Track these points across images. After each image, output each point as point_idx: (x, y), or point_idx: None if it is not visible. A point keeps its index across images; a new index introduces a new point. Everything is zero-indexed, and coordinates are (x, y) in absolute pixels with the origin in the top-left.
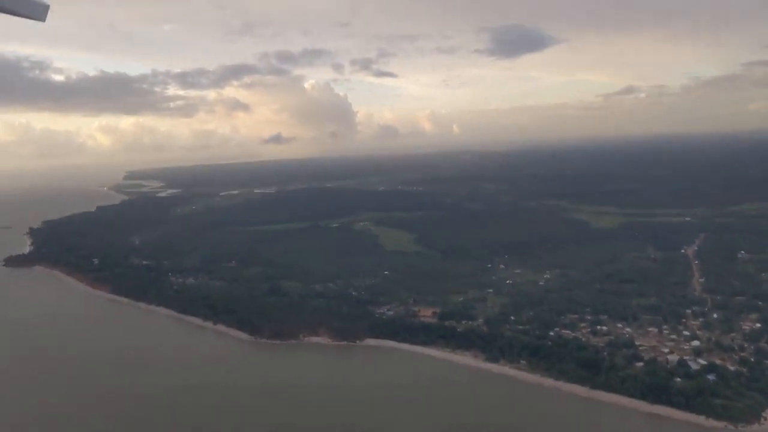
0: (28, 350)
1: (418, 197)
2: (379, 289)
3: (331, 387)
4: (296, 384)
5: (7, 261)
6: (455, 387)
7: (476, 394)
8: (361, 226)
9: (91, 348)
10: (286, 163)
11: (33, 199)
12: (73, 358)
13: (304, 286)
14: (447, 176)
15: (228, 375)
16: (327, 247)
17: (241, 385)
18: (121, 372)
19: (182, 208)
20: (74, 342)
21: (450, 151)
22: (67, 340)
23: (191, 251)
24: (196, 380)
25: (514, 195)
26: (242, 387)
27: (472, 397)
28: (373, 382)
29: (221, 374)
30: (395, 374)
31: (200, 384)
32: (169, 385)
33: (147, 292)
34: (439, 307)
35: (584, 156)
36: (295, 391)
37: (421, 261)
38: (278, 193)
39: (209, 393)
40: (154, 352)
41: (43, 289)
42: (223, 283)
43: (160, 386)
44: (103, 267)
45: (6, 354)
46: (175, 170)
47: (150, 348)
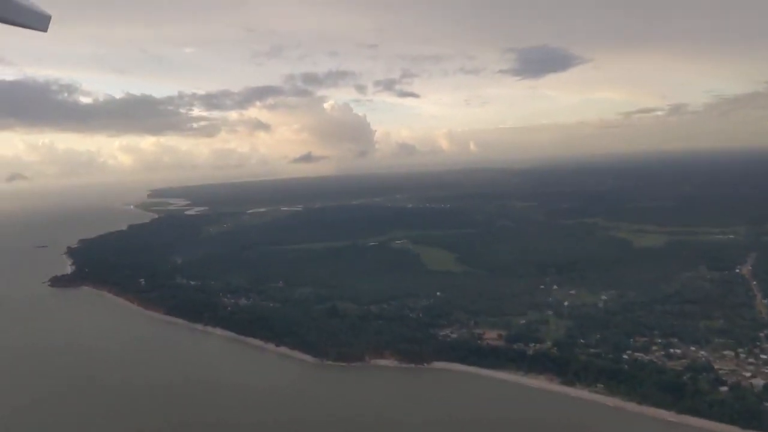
0: (95, 375)
1: (448, 215)
2: (436, 310)
3: (419, 415)
4: (384, 415)
5: (53, 281)
6: (539, 411)
7: (562, 418)
8: (399, 245)
9: (161, 373)
10: (307, 182)
11: (62, 217)
12: (147, 384)
13: (359, 307)
14: (472, 194)
15: (309, 403)
16: (370, 266)
17: (328, 415)
18: (202, 402)
19: (213, 227)
20: (143, 367)
21: (469, 169)
22: (135, 365)
23: (234, 271)
24: (284, 413)
25: (546, 213)
26: (329, 418)
27: (559, 421)
28: (461, 412)
29: (302, 402)
30: (474, 399)
31: (292, 419)
32: (263, 418)
33: (202, 313)
34: (502, 329)
35: (608, 173)
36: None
37: (470, 281)
38: (306, 212)
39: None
40: (227, 377)
41: (95, 311)
42: (277, 304)
43: (252, 418)
44: (152, 287)
45: (74, 381)
46: (198, 188)
47: (221, 373)
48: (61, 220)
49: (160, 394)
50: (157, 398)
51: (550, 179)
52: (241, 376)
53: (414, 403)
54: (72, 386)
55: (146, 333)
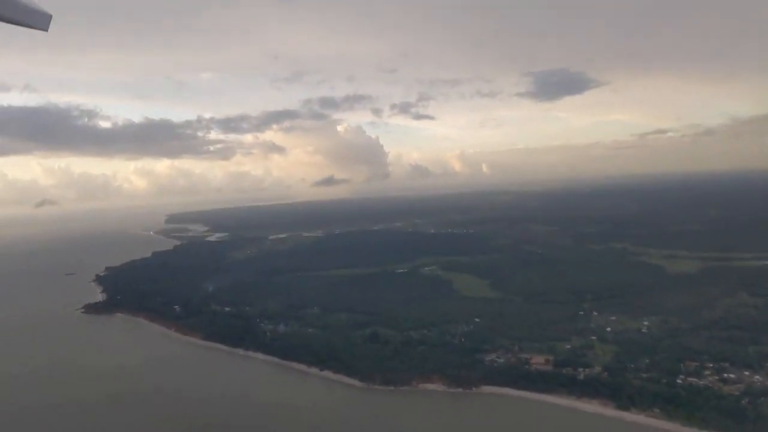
0: (152, 401)
1: (472, 240)
2: (478, 336)
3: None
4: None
5: (86, 308)
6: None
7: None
8: (428, 271)
9: (215, 398)
10: (321, 205)
11: (84, 243)
12: (201, 407)
13: (399, 333)
14: (492, 217)
15: (364, 425)
16: (403, 293)
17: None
18: (261, 424)
19: (238, 253)
20: (195, 391)
21: (484, 191)
22: (188, 388)
23: (267, 297)
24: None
25: (571, 238)
26: None
27: None
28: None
29: (357, 424)
30: (529, 423)
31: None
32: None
33: (242, 339)
34: (547, 355)
35: (625, 195)
36: None
37: (507, 307)
38: (327, 237)
39: None
40: (279, 400)
41: (133, 337)
42: (316, 329)
43: None
44: (188, 314)
45: (132, 408)
46: (214, 213)
47: (272, 396)
48: (83, 246)
49: (216, 415)
50: (216, 421)
51: (568, 202)
52: (292, 398)
53: (469, 426)
54: (131, 413)
55: (190, 358)
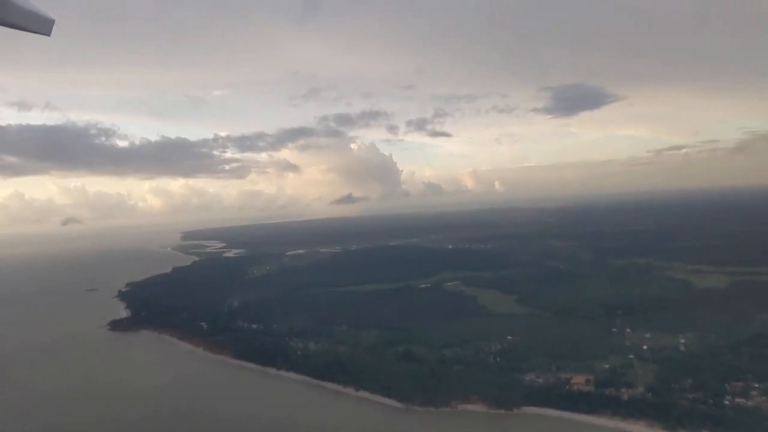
0: (185, 424)
1: (492, 256)
2: (513, 354)
3: None
4: None
5: (111, 325)
6: None
7: None
8: (451, 287)
9: (252, 420)
10: (333, 222)
11: (102, 260)
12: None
13: (432, 351)
14: (508, 233)
15: None
16: (429, 309)
17: None
18: None
19: (257, 269)
20: (229, 412)
21: (498, 208)
22: (221, 410)
23: (293, 314)
24: None
25: (592, 253)
26: None
27: None
28: None
29: None
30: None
31: None
32: None
33: (273, 357)
34: (586, 374)
35: (642, 211)
36: None
37: (538, 324)
38: (345, 253)
39: None
40: (319, 422)
41: (162, 355)
42: (347, 347)
43: None
44: (214, 331)
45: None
46: (230, 230)
47: (312, 417)
48: (102, 262)
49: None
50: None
51: (585, 218)
52: (332, 420)
53: None
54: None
55: (223, 377)
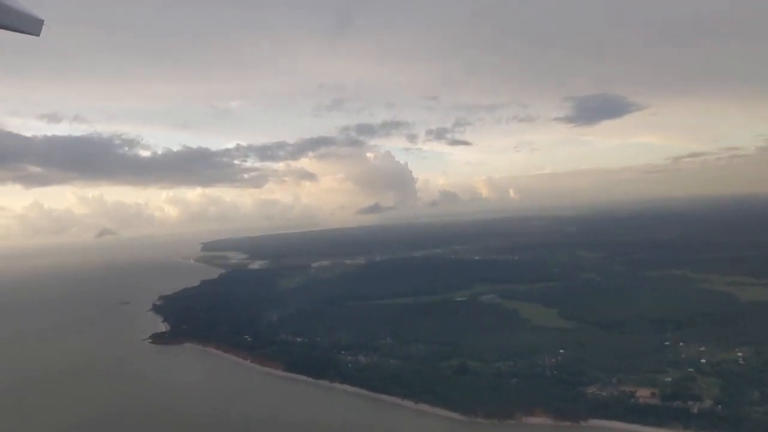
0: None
1: (522, 267)
2: (569, 368)
3: None
4: None
5: (153, 338)
6: None
7: None
8: (488, 299)
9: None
10: (350, 232)
11: (128, 272)
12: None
13: (486, 364)
14: (533, 243)
15: None
16: (472, 322)
17: None
18: None
19: (286, 281)
20: (295, 423)
21: (516, 217)
22: (288, 422)
23: (334, 327)
24: None
25: (624, 264)
26: None
27: None
28: None
29: None
30: None
31: None
32: None
33: (325, 370)
34: (648, 387)
35: (664, 219)
36: None
37: (587, 338)
38: (371, 265)
39: None
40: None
41: (213, 368)
42: (397, 360)
43: None
44: (260, 343)
45: None
46: (248, 241)
47: (380, 430)
48: (128, 274)
49: None
50: None
51: (607, 227)
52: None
53: None
54: None
55: (280, 389)
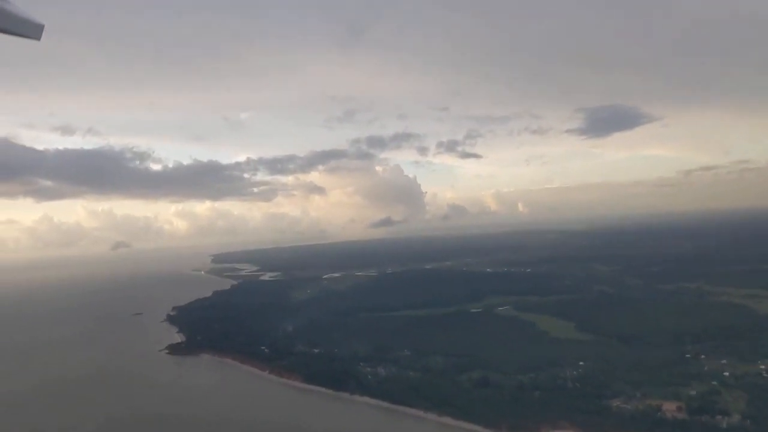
0: None
1: (536, 280)
2: (591, 380)
3: None
4: None
5: (170, 349)
6: None
7: None
8: (504, 311)
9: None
10: (360, 245)
11: (139, 283)
12: None
13: (506, 377)
14: (545, 256)
15: None
16: (488, 334)
17: None
18: None
19: (298, 293)
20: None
21: (525, 230)
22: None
23: (350, 338)
24: None
25: (638, 277)
26: None
27: None
28: None
29: None
30: None
31: None
32: None
33: (345, 382)
34: (673, 401)
35: (676, 232)
36: None
37: (606, 351)
38: (382, 277)
39: None
40: None
41: (232, 379)
42: (416, 372)
43: None
44: (278, 355)
45: None
46: (259, 253)
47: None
48: (139, 286)
49: None
50: None
51: (619, 240)
52: None
53: None
54: None
55: (299, 401)
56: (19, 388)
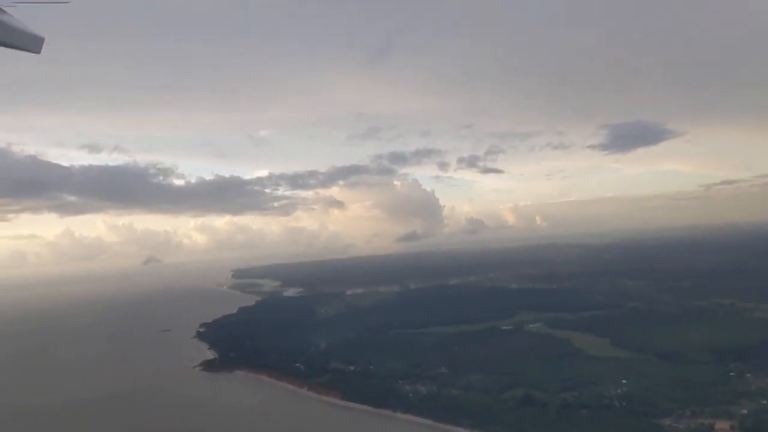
0: None
1: (564, 295)
2: (636, 398)
3: None
4: None
5: (204, 366)
6: None
7: None
8: (535, 328)
9: None
10: (378, 260)
11: (163, 299)
12: None
13: (549, 395)
14: (570, 271)
15: None
16: (524, 352)
17: None
18: None
19: (324, 309)
20: None
21: (545, 244)
22: None
23: (384, 356)
24: None
25: (668, 292)
26: None
27: None
28: None
29: None
30: None
31: None
32: None
33: (385, 399)
34: (723, 419)
35: (700, 246)
36: None
37: (647, 368)
38: (407, 293)
39: None
40: None
41: (270, 395)
42: (457, 390)
43: None
44: (313, 372)
45: None
46: (279, 268)
47: None
48: (164, 301)
49: None
50: None
51: (643, 255)
52: None
53: None
54: None
55: (343, 418)
56: (56, 403)
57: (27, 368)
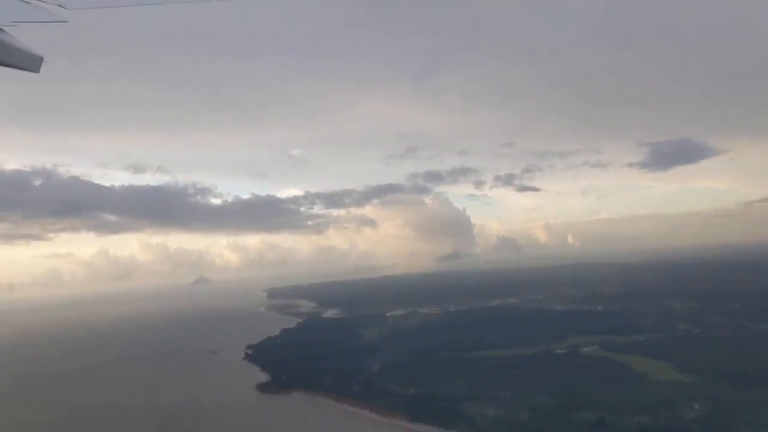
0: None
1: (611, 318)
2: (713, 422)
3: None
4: None
5: (260, 388)
6: None
7: None
8: (590, 351)
9: None
10: (414, 279)
11: (203, 319)
12: None
13: (621, 418)
14: (612, 293)
15: None
16: (585, 375)
17: None
18: None
19: (367, 331)
20: None
21: (580, 263)
22: None
23: (442, 379)
24: None
25: (720, 315)
26: None
27: None
28: None
29: None
30: None
31: None
32: None
33: (454, 422)
34: None
35: (745, 265)
36: None
37: (716, 391)
38: (448, 315)
39: None
40: None
41: (334, 417)
42: (526, 413)
43: None
44: (372, 394)
45: None
46: (313, 288)
47: None
48: (204, 322)
49: None
50: None
51: (686, 274)
52: None
53: None
54: None
55: None
56: (119, 425)
57: (88, 384)
